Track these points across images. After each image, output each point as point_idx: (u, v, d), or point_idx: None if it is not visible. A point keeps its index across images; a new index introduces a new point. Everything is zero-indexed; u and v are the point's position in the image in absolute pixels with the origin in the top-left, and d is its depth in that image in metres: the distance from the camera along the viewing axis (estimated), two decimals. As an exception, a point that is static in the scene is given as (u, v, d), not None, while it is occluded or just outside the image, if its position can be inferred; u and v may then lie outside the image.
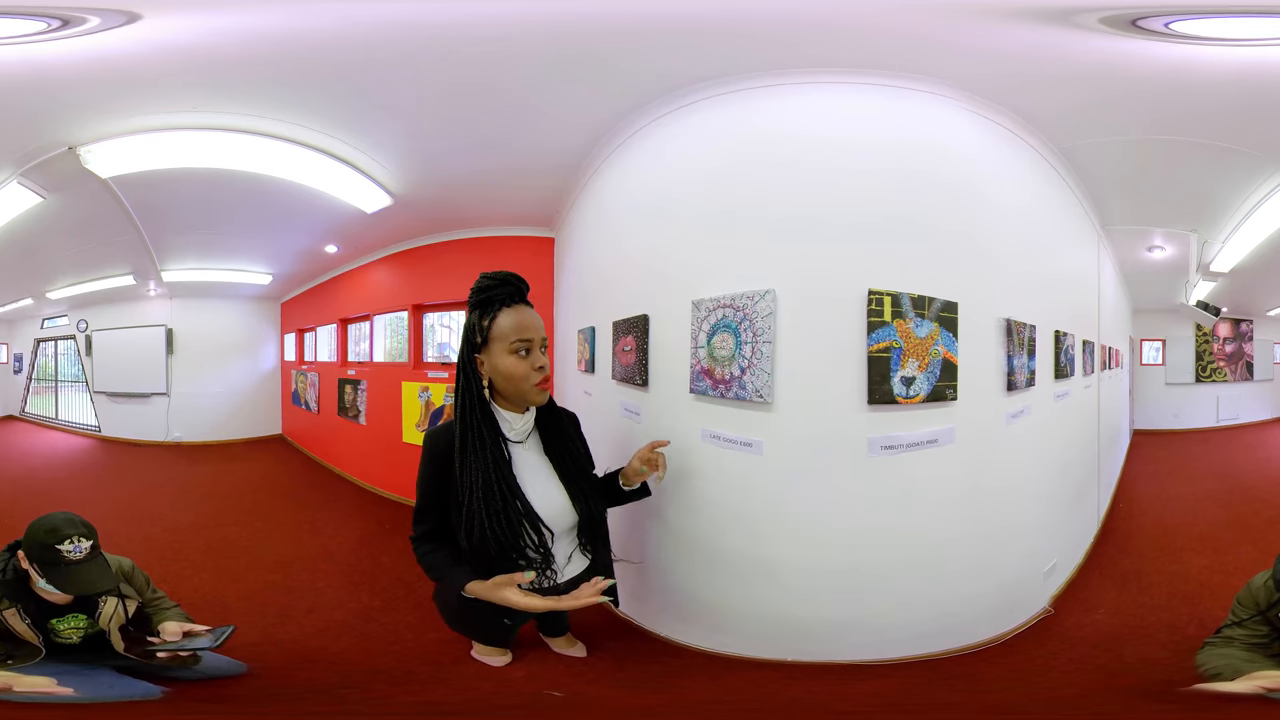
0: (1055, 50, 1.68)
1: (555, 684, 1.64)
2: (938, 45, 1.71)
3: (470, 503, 1.42)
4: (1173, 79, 1.75)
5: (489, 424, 1.47)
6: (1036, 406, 2.19)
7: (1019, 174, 2.09)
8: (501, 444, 1.49)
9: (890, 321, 1.70)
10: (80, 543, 1.47)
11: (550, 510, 1.51)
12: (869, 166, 1.75)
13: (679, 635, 1.96)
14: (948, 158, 1.85)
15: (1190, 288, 2.81)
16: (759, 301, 1.72)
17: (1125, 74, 1.74)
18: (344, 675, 1.75)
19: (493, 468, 1.44)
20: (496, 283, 1.46)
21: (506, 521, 1.43)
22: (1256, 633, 1.49)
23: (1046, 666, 1.84)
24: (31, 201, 2.55)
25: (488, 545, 1.42)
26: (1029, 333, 2.10)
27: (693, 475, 1.89)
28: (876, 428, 1.72)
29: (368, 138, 2.29)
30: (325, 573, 2.57)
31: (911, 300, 1.72)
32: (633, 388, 2.14)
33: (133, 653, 1.57)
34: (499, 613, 1.48)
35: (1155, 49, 1.65)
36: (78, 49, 1.70)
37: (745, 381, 1.74)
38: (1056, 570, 2.28)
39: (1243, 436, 3.28)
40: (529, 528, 1.46)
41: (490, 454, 1.44)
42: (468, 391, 1.47)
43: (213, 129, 2.15)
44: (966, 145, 1.90)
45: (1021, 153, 2.07)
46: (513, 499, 1.45)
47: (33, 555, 1.46)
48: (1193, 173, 2.24)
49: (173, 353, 3.86)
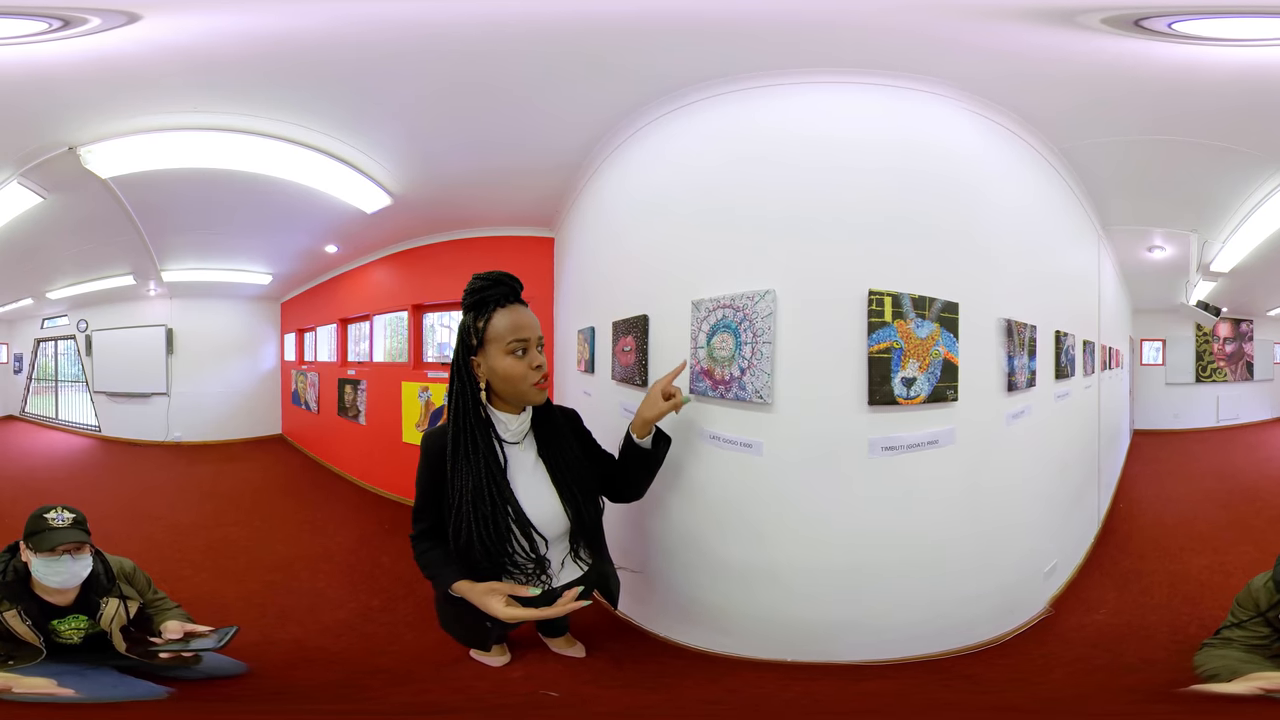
0: (1057, 50, 1.68)
1: (552, 684, 1.64)
2: (938, 45, 1.71)
3: (460, 508, 1.41)
4: (1174, 79, 1.75)
5: (482, 428, 1.46)
6: (1037, 407, 2.18)
7: (1020, 174, 2.09)
8: (496, 447, 1.48)
9: (891, 322, 1.69)
10: (64, 513, 1.54)
11: (542, 515, 1.50)
12: (869, 166, 1.75)
13: (679, 635, 1.96)
14: (948, 158, 1.84)
15: (1190, 288, 2.81)
16: (759, 302, 1.72)
17: (1128, 74, 1.74)
18: (345, 675, 1.75)
19: (484, 473, 1.43)
20: (490, 283, 1.45)
21: (495, 529, 1.42)
22: (1256, 634, 1.49)
23: (1047, 667, 1.84)
24: (32, 202, 2.55)
25: (474, 551, 1.41)
26: (1029, 333, 2.10)
27: (693, 475, 1.88)
28: (877, 429, 1.71)
29: (367, 138, 2.29)
30: (325, 572, 2.57)
31: (912, 300, 1.71)
32: (632, 388, 2.14)
33: (134, 653, 1.58)
34: (480, 614, 1.46)
35: (1158, 49, 1.65)
36: (78, 49, 1.70)
37: (745, 382, 1.74)
38: (1057, 570, 2.28)
39: (1243, 436, 3.28)
40: (519, 534, 1.45)
41: (483, 459, 1.43)
42: (462, 394, 1.46)
43: (213, 129, 2.15)
44: (967, 145, 1.90)
45: (1022, 153, 2.07)
46: (503, 505, 1.44)
47: (26, 532, 1.52)
48: (1193, 173, 2.24)
49: (173, 353, 3.86)
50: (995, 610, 1.97)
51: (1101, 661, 1.87)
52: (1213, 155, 2.11)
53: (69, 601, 1.56)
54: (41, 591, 1.54)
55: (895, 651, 1.80)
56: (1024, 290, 2.10)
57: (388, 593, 2.34)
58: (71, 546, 1.51)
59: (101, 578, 1.59)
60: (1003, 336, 1.96)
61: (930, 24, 1.65)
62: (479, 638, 1.64)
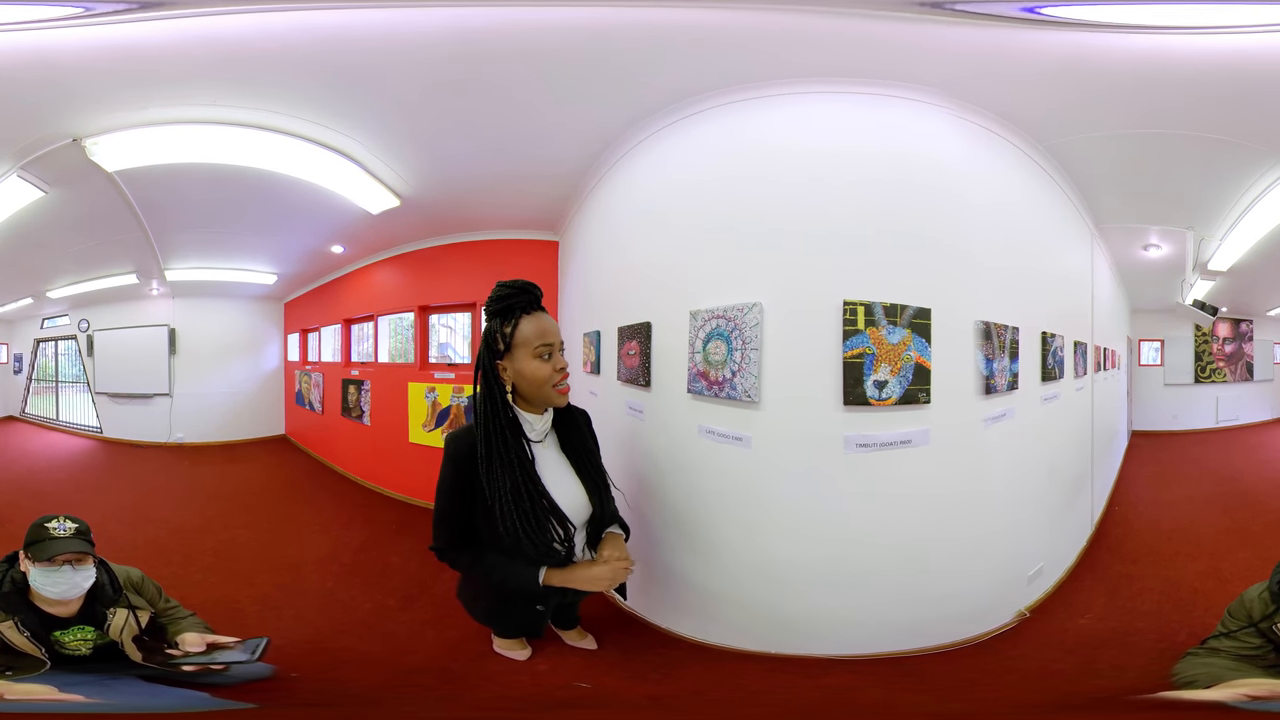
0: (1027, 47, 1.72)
1: (578, 676, 1.72)
2: (907, 49, 1.77)
3: (500, 503, 1.50)
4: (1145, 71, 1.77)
5: (512, 427, 1.56)
6: (1020, 410, 2.23)
7: (1002, 175, 2.14)
8: (525, 445, 1.58)
9: (863, 329, 1.83)
10: (66, 523, 1.53)
11: (571, 504, 1.61)
12: (845, 178, 1.87)
13: (674, 625, 2.08)
14: (923, 163, 1.93)
15: (1187, 286, 2.84)
16: (747, 313, 1.88)
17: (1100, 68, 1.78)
18: (386, 675, 1.79)
19: (518, 469, 1.53)
20: (516, 291, 1.55)
21: (535, 519, 1.52)
22: (1247, 645, 1.49)
23: (1003, 671, 1.86)
24: (32, 196, 2.51)
25: (519, 542, 1.50)
26: (1010, 335, 2.16)
27: (690, 467, 2.05)
28: (852, 426, 1.84)
29: (377, 140, 2.33)
30: (334, 573, 2.60)
31: (884, 309, 1.84)
32: (637, 388, 2.26)
33: (152, 662, 1.57)
34: (532, 602, 1.61)
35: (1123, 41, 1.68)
36: (91, 37, 1.70)
37: (735, 383, 1.90)
38: (1043, 574, 2.31)
39: (1243, 438, 3.29)
40: (555, 523, 1.55)
41: (515, 456, 1.53)
42: (490, 397, 1.55)
43: (227, 124, 2.14)
44: (943, 149, 1.98)
45: (1004, 153, 2.13)
46: (539, 498, 1.54)
47: (26, 541, 1.51)
48: (1185, 168, 2.25)
49: (175, 353, 3.87)
50: (970, 612, 2.03)
51: (1062, 668, 1.87)
52: (1205, 150, 2.12)
53: (72, 612, 1.55)
54: (41, 602, 1.53)
55: (869, 647, 1.89)
56: (1005, 292, 2.15)
57: (401, 592, 2.37)
58: (72, 557, 1.50)
59: (107, 588, 1.58)
60: (979, 339, 2.01)
61: (897, 29, 1.70)
62: (533, 623, 1.74)
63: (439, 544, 1.61)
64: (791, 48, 1.79)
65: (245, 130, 2.17)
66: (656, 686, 1.74)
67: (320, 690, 1.66)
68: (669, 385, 2.11)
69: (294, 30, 1.72)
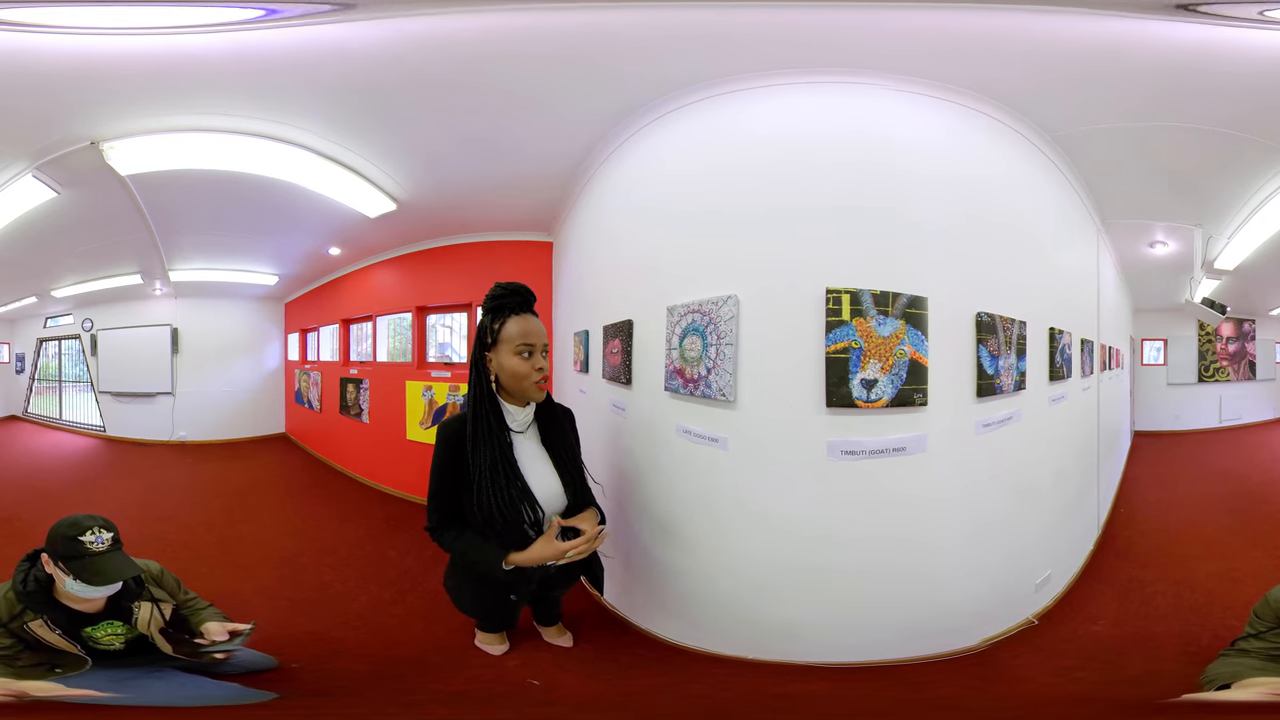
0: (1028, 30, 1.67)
1: (541, 672, 1.82)
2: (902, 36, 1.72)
3: (479, 481, 1.66)
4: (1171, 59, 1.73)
5: (496, 414, 1.71)
6: (1028, 411, 2.14)
7: (1006, 164, 2.08)
8: (505, 432, 1.72)
9: (849, 320, 1.69)
10: (101, 533, 1.50)
11: (545, 492, 1.74)
12: (825, 162, 1.79)
13: (653, 626, 2.10)
14: (907, 147, 1.83)
15: (1194, 285, 2.85)
16: (722, 306, 1.83)
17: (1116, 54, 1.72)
18: (372, 666, 1.89)
19: (498, 451, 1.68)
20: (508, 292, 1.72)
21: (509, 499, 1.66)
22: (1276, 645, 1.49)
23: (1021, 678, 1.82)
24: (45, 196, 2.61)
25: (493, 519, 1.64)
26: (1017, 329, 2.06)
27: (668, 468, 2.05)
28: (836, 431, 1.71)
29: (375, 148, 2.45)
30: (331, 566, 2.71)
31: (873, 297, 1.70)
32: (619, 386, 2.32)
33: (180, 653, 1.63)
34: (505, 591, 1.74)
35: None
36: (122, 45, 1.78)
37: (710, 381, 1.86)
38: (1051, 581, 2.26)
39: (1246, 437, 3.34)
40: (528, 506, 1.69)
41: (496, 439, 1.69)
42: (478, 385, 1.71)
43: (238, 133, 2.25)
44: (939, 137, 1.89)
45: (1011, 143, 2.07)
46: (515, 479, 1.69)
47: (57, 553, 1.49)
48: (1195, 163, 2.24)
49: (178, 352, 4.00)
50: (974, 619, 1.93)
51: (1084, 675, 1.83)
52: (1216, 144, 2.09)
53: (98, 608, 1.58)
54: (66, 599, 1.54)
55: (854, 655, 1.79)
56: (1009, 283, 2.06)
57: (396, 585, 2.48)
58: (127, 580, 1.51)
59: (130, 582, 1.60)
60: (984, 333, 1.89)
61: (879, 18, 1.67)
62: (507, 613, 1.89)
63: (431, 522, 1.75)
64: (768, 43, 1.78)
65: (252, 139, 2.29)
66: (609, 684, 1.79)
67: (318, 681, 1.78)
68: (649, 383, 2.12)
69: (304, 45, 1.82)
